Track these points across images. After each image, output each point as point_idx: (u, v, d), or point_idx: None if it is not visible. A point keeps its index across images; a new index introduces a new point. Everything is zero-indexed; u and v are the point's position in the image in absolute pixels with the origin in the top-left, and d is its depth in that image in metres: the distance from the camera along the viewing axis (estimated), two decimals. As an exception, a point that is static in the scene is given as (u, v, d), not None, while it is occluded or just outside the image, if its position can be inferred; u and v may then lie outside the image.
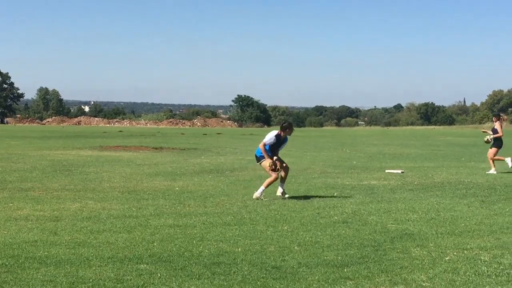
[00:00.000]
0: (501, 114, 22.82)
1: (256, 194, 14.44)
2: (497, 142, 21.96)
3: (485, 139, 22.51)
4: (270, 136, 14.54)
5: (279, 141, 14.67)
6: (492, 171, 21.30)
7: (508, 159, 21.86)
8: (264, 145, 14.47)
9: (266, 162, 14.44)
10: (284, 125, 14.80)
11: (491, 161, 21.83)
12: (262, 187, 14.53)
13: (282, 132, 14.65)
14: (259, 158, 14.69)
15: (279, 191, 14.68)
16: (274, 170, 14.32)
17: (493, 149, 21.90)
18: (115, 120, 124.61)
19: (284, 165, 14.74)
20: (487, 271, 7.93)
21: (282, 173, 14.66)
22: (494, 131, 22.11)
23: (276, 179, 14.42)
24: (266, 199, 14.14)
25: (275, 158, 14.53)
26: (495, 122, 22.34)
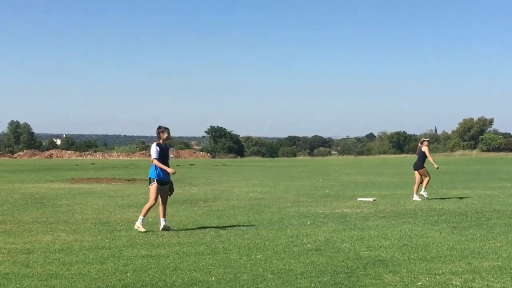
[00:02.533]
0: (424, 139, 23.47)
1: (137, 224, 14.10)
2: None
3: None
4: (154, 150, 14.11)
5: (164, 150, 14.23)
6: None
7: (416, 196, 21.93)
8: (156, 159, 14.01)
9: (153, 189, 14.05)
10: (158, 131, 14.32)
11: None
12: (141, 216, 14.16)
13: (160, 140, 14.27)
14: (150, 180, 14.18)
15: (162, 225, 14.25)
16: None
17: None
18: (87, 152, 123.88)
19: (165, 196, 14.35)
20: (459, 295, 8.00)
21: (161, 208, 14.29)
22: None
23: (153, 205, 14.08)
24: (144, 231, 13.81)
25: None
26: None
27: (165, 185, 14.19)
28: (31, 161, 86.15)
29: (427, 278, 9.00)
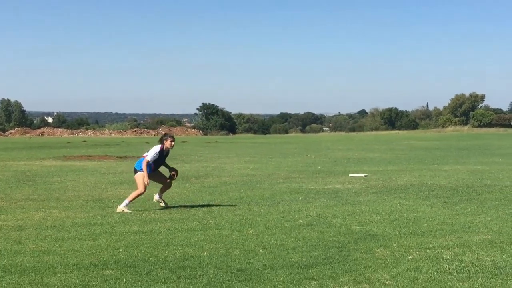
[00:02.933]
0: None
1: (120, 207, 13.77)
2: None
3: None
4: (154, 152, 13.89)
5: (163, 155, 14.15)
6: None
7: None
8: (148, 162, 13.83)
9: (141, 176, 13.84)
10: (164, 138, 14.25)
11: None
12: (126, 200, 13.90)
13: (164, 145, 14.09)
14: (136, 170, 14.04)
15: (156, 197, 14.31)
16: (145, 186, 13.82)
17: None
18: (79, 130, 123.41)
19: (167, 181, 14.49)
20: (449, 269, 8.06)
21: (162, 187, 14.41)
22: None
23: (142, 193, 13.93)
24: (131, 212, 13.52)
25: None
26: None
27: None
28: (23, 139, 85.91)
29: (417, 252, 9.06)
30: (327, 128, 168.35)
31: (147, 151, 14.09)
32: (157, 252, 9.28)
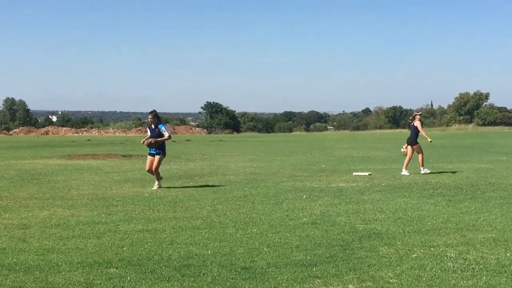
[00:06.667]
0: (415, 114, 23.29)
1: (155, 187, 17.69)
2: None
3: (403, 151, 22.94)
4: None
5: (152, 130, 18.02)
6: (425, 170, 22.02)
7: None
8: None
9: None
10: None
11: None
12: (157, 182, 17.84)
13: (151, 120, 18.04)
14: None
15: (156, 185, 17.79)
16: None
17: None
18: (83, 129, 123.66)
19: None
20: (453, 267, 8.06)
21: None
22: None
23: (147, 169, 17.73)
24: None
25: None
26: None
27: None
28: (28, 138, 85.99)
29: (421, 250, 9.06)
30: (331, 127, 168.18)
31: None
32: (161, 250, 9.29)
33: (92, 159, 31.98)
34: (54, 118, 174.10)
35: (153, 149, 17.86)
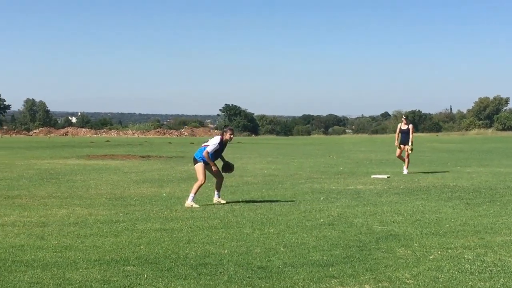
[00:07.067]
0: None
1: (188, 202, 14.18)
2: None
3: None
4: (214, 143, 14.49)
5: (222, 147, 14.70)
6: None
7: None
8: (208, 153, 14.39)
9: (200, 166, 14.45)
10: (224, 129, 14.86)
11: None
12: (191, 194, 14.31)
13: (223, 137, 14.61)
14: (196, 160, 14.62)
15: (216, 198, 14.81)
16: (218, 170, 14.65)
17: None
18: (102, 130, 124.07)
19: (220, 174, 14.93)
20: (470, 269, 8.02)
21: (216, 182, 14.90)
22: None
23: (203, 183, 14.41)
24: (199, 207, 13.98)
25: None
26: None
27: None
28: (46, 138, 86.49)
29: (439, 252, 9.03)
30: (350, 130, 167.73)
31: (206, 141, 14.81)
32: (178, 249, 9.31)
33: (111, 160, 32.11)
34: (74, 119, 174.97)
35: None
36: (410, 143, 23.56)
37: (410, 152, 23.65)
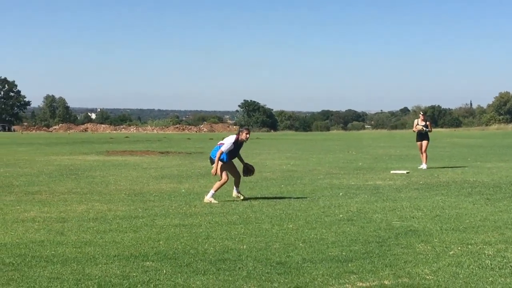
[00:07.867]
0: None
1: (207, 197, 14.14)
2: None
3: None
4: (229, 142, 14.30)
5: (237, 147, 14.52)
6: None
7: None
8: (222, 153, 14.21)
9: (221, 165, 14.26)
10: (240, 129, 14.72)
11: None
12: (212, 191, 14.27)
13: (239, 137, 14.46)
14: (212, 160, 14.47)
15: (235, 192, 14.65)
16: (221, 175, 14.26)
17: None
18: (121, 126, 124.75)
19: (237, 173, 14.77)
20: (491, 264, 7.96)
21: (235, 180, 14.70)
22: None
23: (226, 182, 14.31)
24: (217, 203, 13.93)
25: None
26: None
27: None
28: (66, 134, 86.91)
29: (459, 248, 8.96)
30: (369, 126, 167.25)
31: (222, 140, 14.53)
32: (197, 244, 9.32)
33: (130, 156, 32.23)
34: (93, 116, 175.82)
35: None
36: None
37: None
